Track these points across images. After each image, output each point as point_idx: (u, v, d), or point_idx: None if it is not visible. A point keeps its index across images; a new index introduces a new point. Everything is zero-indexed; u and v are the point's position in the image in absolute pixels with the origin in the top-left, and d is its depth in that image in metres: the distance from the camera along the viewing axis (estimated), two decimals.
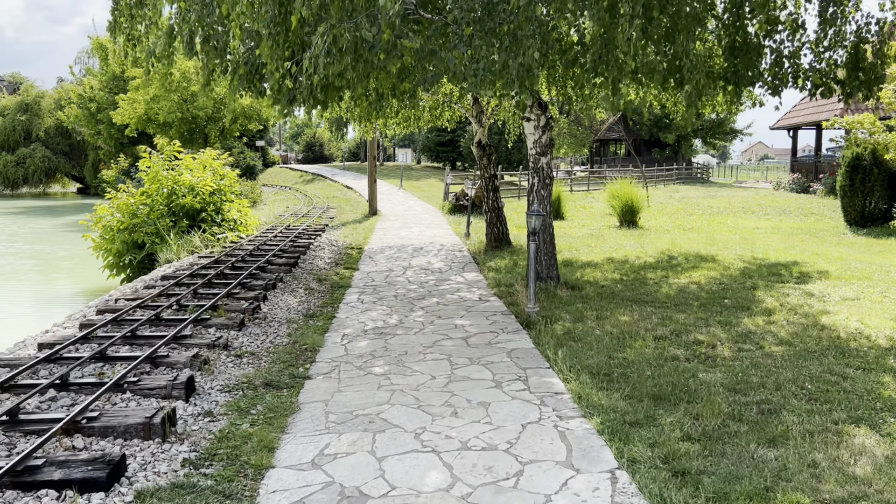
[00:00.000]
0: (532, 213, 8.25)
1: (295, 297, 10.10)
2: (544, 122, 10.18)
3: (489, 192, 15.42)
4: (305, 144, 70.36)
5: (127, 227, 14.76)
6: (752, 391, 5.80)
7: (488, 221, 15.49)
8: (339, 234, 18.68)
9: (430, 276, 11.99)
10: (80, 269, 19.34)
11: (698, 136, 55.16)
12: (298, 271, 12.21)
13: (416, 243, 16.70)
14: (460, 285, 10.98)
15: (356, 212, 25.65)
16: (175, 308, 8.59)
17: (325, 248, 15.49)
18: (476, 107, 15.38)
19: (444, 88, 15.47)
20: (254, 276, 10.92)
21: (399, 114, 17.09)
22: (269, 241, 15.38)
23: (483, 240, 16.38)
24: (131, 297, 9.30)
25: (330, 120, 20.91)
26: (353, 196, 32.65)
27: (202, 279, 10.67)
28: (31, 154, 52.43)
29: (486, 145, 15.41)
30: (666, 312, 8.78)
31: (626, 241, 16.56)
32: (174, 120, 39.05)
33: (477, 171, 38.81)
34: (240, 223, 16.55)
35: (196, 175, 15.85)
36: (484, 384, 6.01)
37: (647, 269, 12.23)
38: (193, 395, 5.71)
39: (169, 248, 14.17)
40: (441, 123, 17.63)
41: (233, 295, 9.39)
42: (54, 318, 11.14)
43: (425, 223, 21.57)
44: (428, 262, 13.60)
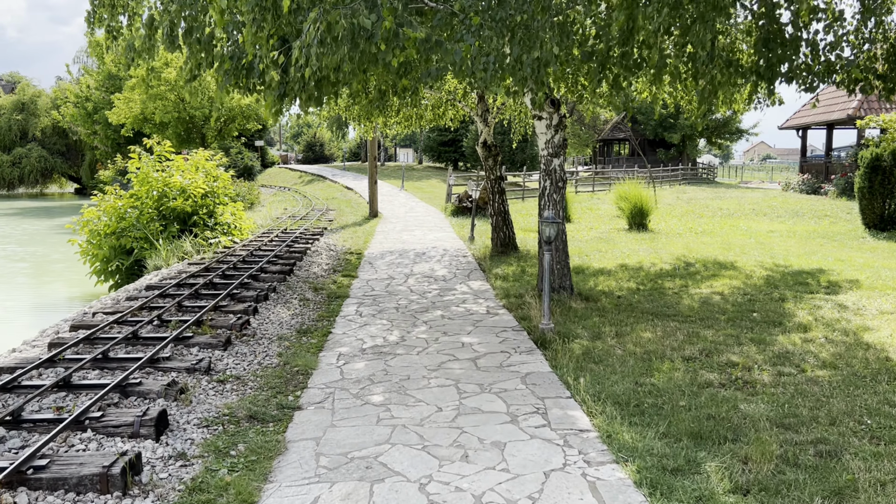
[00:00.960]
0: (547, 221, 7.52)
1: (288, 309, 9.38)
2: (557, 120, 9.45)
3: (495, 195, 14.71)
4: (306, 144, 69.62)
5: (114, 231, 14.04)
6: (803, 427, 5.07)
7: (494, 225, 14.77)
8: (337, 237, 17.97)
9: (433, 284, 11.28)
10: (74, 273, 18.62)
11: (703, 136, 54.38)
12: (293, 279, 11.49)
13: (419, 248, 15.98)
14: (466, 296, 10.26)
15: (356, 214, 24.93)
16: (156, 324, 7.88)
17: (322, 253, 14.77)
18: (481, 105, 14.67)
19: (447, 86, 14.77)
20: (245, 286, 10.21)
21: (400, 112, 16.40)
22: (263, 246, 14.66)
23: (488, 244, 15.66)
24: (110, 311, 8.58)
25: (330, 119, 20.20)
26: (353, 197, 31.93)
27: (189, 289, 9.95)
28: (27, 154, 51.70)
29: (492, 145, 14.70)
30: (691, 328, 8.06)
31: (638, 245, 15.83)
32: (171, 120, 38.32)
33: (481, 171, 38.00)
34: (234, 227, 15.83)
35: (188, 177, 15.11)
36: (497, 418, 5.28)
37: (664, 277, 11.51)
38: (166, 431, 4.99)
39: (158, 255, 13.46)
40: (444, 123, 16.94)
41: (220, 308, 8.67)
42: (42, 324, 10.43)
43: (428, 226, 20.86)
44: (431, 269, 12.88)
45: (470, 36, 6.68)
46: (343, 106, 16.08)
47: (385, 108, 12.98)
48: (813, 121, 32.50)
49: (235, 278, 10.88)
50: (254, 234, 17.23)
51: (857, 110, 28.94)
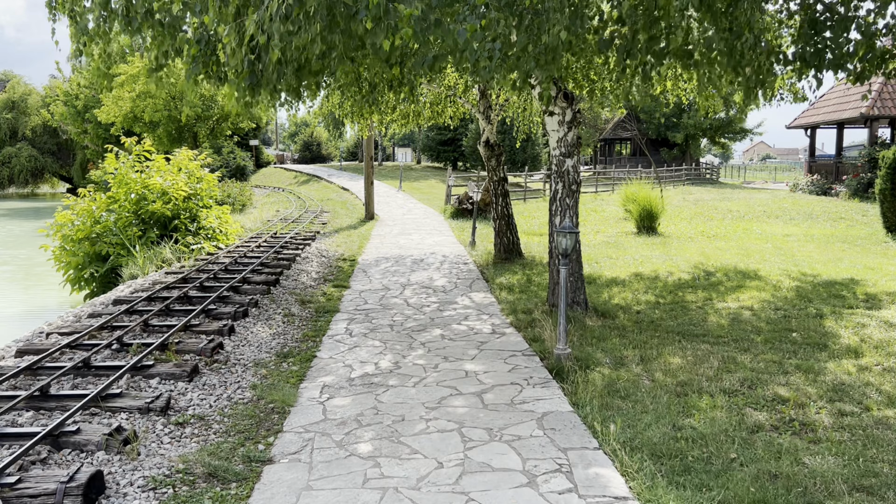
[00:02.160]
0: (563, 231, 6.53)
1: (270, 327, 8.39)
2: (570, 116, 8.47)
3: (498, 197, 13.73)
4: (303, 144, 68.56)
5: (88, 236, 13.02)
6: (889, 491, 4.10)
7: (497, 230, 13.79)
8: (331, 242, 16.97)
9: (432, 296, 10.29)
10: (58, 278, 17.60)
11: (707, 136, 53.43)
12: (279, 291, 10.50)
13: (416, 254, 14.99)
14: (468, 310, 9.27)
15: (351, 216, 23.94)
16: (115, 348, 6.88)
17: (313, 259, 13.77)
18: (483, 101, 13.68)
19: (447, 80, 13.79)
20: (223, 300, 9.21)
21: (396, 109, 15.41)
22: (250, 253, 13.66)
23: (491, 250, 14.67)
24: (67, 331, 7.58)
25: (325, 117, 19.26)
26: (348, 198, 30.94)
27: (161, 304, 8.97)
28: (16, 153, 50.59)
29: (495, 144, 13.71)
30: (725, 351, 7.09)
31: (650, 251, 14.86)
32: (161, 118, 37.26)
33: (482, 172, 36.99)
34: (219, 232, 14.82)
35: (169, 178, 14.10)
36: (511, 479, 4.30)
37: (683, 288, 10.53)
38: (100, 498, 4.00)
39: (135, 262, 12.46)
40: (443, 121, 15.96)
41: (192, 328, 7.67)
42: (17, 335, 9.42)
43: (426, 229, 19.87)
44: (429, 278, 11.89)
45: (474, 17, 5.70)
46: (335, 102, 15.12)
47: (379, 104, 11.98)
48: (822, 120, 31.54)
49: (214, 290, 9.89)
50: (241, 238, 16.23)
51: (871, 109, 27.99)
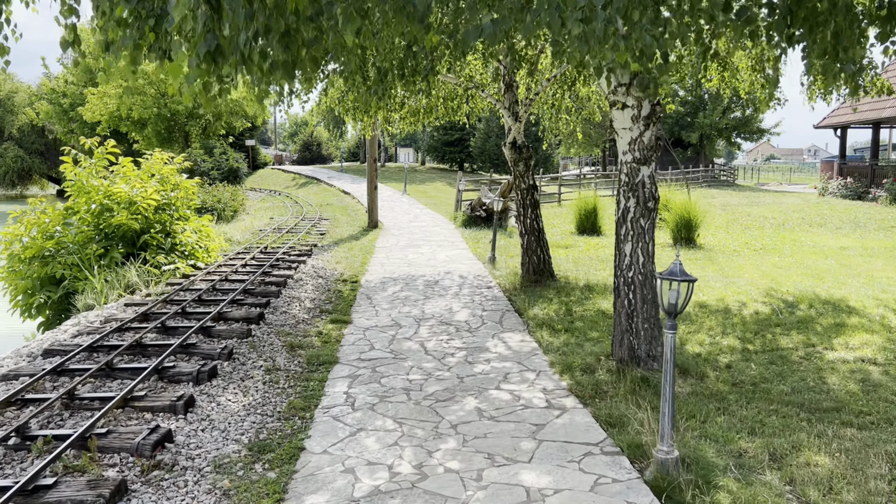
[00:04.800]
0: (673, 278, 4.38)
1: (245, 392, 6.26)
2: (648, 110, 6.34)
3: (526, 208, 11.60)
4: (302, 144, 66.31)
5: (38, 254, 10.87)
6: None
7: (525, 246, 11.66)
8: (329, 257, 14.83)
9: (455, 338, 8.15)
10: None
11: (723, 136, 51.24)
12: (263, 330, 8.37)
13: (429, 272, 12.86)
14: (506, 363, 7.13)
15: (353, 224, 21.80)
16: (11, 444, 4.74)
17: (308, 282, 11.64)
18: (509, 96, 11.55)
19: (467, 69, 11.68)
20: (187, 349, 7.08)
21: (405, 105, 13.30)
22: (233, 275, 11.54)
23: (515, 269, 12.55)
24: None
25: (325, 115, 17.14)
26: (350, 203, 28.79)
27: (105, 354, 6.86)
28: (2, 154, 48.23)
29: (523, 146, 11.58)
30: (881, 439, 4.98)
31: (700, 269, 12.73)
32: (150, 116, 35.11)
33: (494, 175, 34.77)
34: (198, 248, 12.68)
35: (137, 185, 11.95)
36: None
37: (768, 326, 8.41)
38: None
39: (92, 288, 10.32)
40: (458, 118, 13.85)
41: (133, 402, 5.54)
42: None
43: (436, 240, 17.74)
44: (448, 309, 9.77)
45: None
46: (335, 97, 12.99)
47: (386, 98, 9.86)
48: (856, 119, 29.39)
49: (179, 333, 7.76)
50: (226, 254, 14.09)
51: None
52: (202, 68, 3.76)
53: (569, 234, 18.69)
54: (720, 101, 48.49)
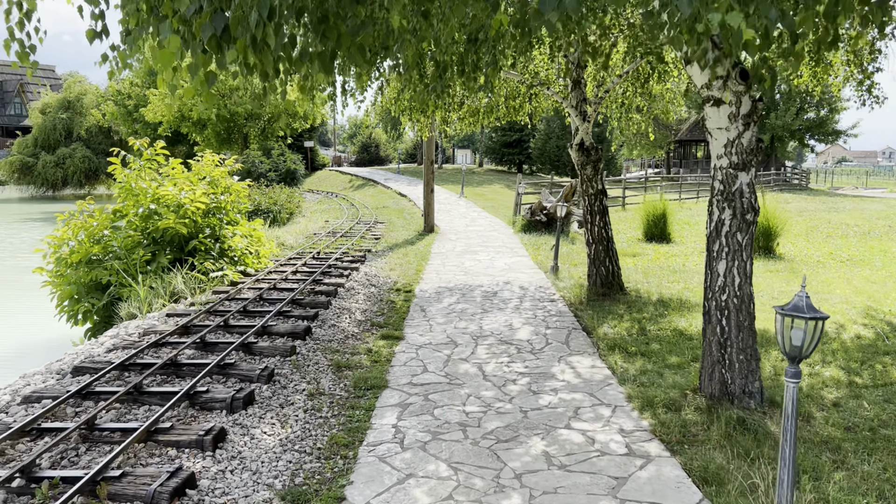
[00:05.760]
0: (801, 314, 3.49)
1: (283, 423, 5.61)
2: (748, 106, 5.43)
3: (594, 215, 10.72)
4: (361, 145, 66.33)
5: (84, 259, 10.54)
6: None
7: (592, 256, 10.79)
8: (383, 263, 14.21)
9: (516, 361, 7.36)
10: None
11: (795, 137, 48.86)
12: (309, 346, 7.75)
13: (486, 282, 12.09)
14: (576, 394, 6.30)
15: (408, 227, 21.19)
16: (15, 487, 4.18)
17: (360, 291, 11.01)
18: (576, 93, 10.69)
19: (531, 66, 10.87)
20: (225, 369, 6.49)
21: (464, 105, 12.59)
22: (282, 282, 11.00)
23: (580, 280, 11.67)
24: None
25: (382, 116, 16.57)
26: (406, 206, 28.22)
27: (134, 375, 6.33)
28: (70, 154, 49.63)
29: (591, 148, 10.70)
30: None
31: (783, 283, 11.62)
32: (209, 117, 35.31)
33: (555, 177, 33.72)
34: (248, 253, 12.20)
35: (186, 188, 11.53)
36: None
37: (874, 353, 7.37)
38: None
39: (137, 296, 9.91)
40: (520, 118, 13.05)
41: (158, 434, 4.94)
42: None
43: (494, 246, 16.94)
44: (508, 325, 8.98)
45: None
46: (391, 97, 12.36)
47: (444, 96, 9.13)
48: None
49: (218, 350, 7.20)
50: (277, 260, 13.60)
51: None
52: (208, 57, 3.09)
53: (636, 241, 17.65)
54: (793, 102, 46.26)
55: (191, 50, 3.18)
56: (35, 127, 52.18)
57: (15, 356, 11.07)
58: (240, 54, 3.16)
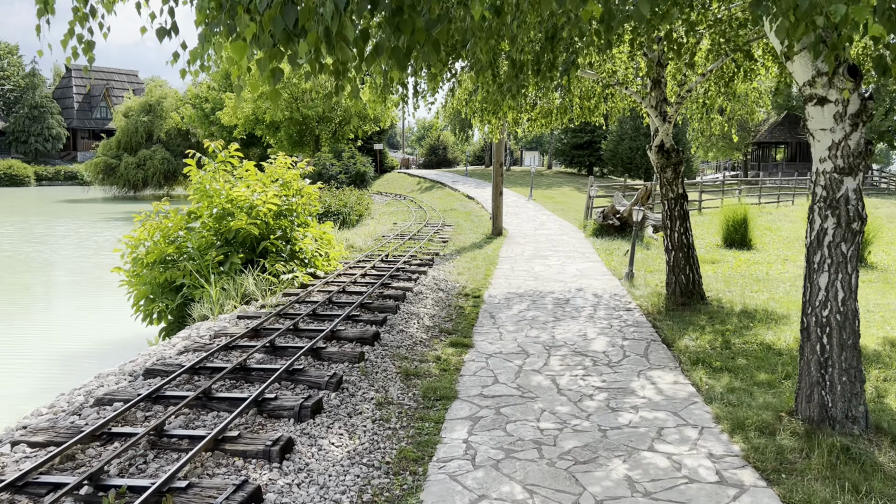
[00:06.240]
0: None
1: (352, 433, 5.45)
2: (857, 105, 4.96)
3: (674, 220, 10.24)
4: (429, 148, 66.50)
5: (159, 259, 10.72)
6: None
7: (671, 263, 10.31)
8: (451, 267, 14.02)
9: (592, 374, 7.02)
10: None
11: (885, 139, 46.34)
12: (378, 352, 7.60)
13: (558, 289, 11.73)
14: (658, 412, 5.92)
15: (476, 231, 20.95)
16: (85, 494, 4.13)
17: (428, 296, 10.84)
18: (656, 93, 10.24)
19: (609, 64, 10.48)
20: (294, 375, 6.39)
21: (537, 106, 12.29)
22: (351, 286, 10.93)
23: (657, 288, 11.19)
24: (40, 440, 4.94)
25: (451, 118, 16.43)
26: (473, 208, 28.01)
27: (204, 379, 6.30)
28: (151, 156, 51.51)
29: (672, 150, 10.23)
30: None
31: (879, 296, 10.85)
32: (282, 120, 35.92)
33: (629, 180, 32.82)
34: (317, 256, 12.20)
35: (258, 189, 11.61)
36: None
37: None
38: None
39: (209, 297, 10.00)
40: (594, 119, 12.65)
41: (223, 444, 4.84)
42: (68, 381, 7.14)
43: (564, 250, 16.53)
44: (582, 335, 8.62)
45: None
46: (462, 98, 12.17)
47: (519, 96, 8.84)
48: None
49: (287, 355, 7.13)
50: (346, 262, 13.59)
51: None
52: (276, 49, 2.91)
53: (714, 247, 16.92)
54: (882, 101, 43.88)
55: (261, 44, 3.02)
56: (118, 129, 54.38)
57: (96, 352, 11.36)
58: (311, 48, 2.98)
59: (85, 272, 21.00)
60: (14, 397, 9.29)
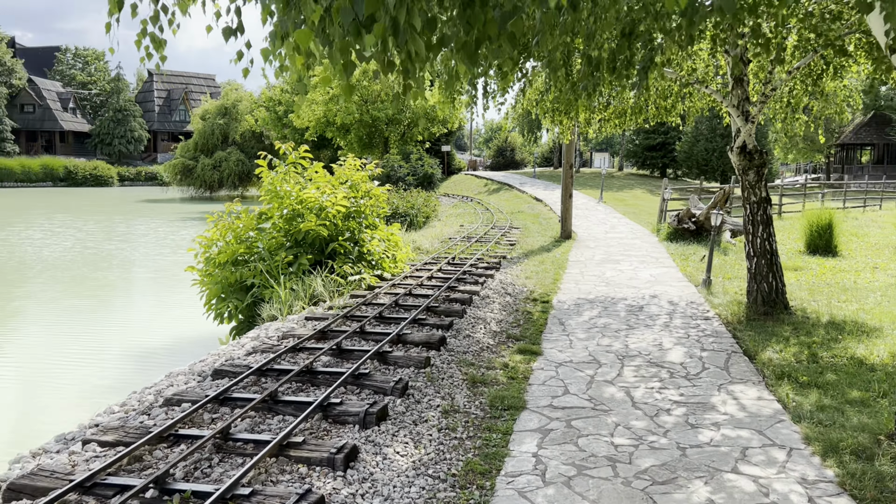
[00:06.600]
0: None
1: (417, 443, 5.30)
2: None
3: (756, 225, 9.75)
4: (496, 149, 66.20)
5: (231, 259, 10.87)
6: None
7: (753, 270, 9.81)
8: (518, 271, 13.76)
9: (669, 387, 6.68)
10: None
11: None
12: (443, 357, 7.45)
13: (630, 295, 11.34)
14: (742, 432, 5.55)
15: (544, 234, 20.60)
16: (144, 498, 4.10)
17: (495, 300, 10.64)
18: (739, 91, 9.75)
19: (689, 62, 10.07)
20: (359, 380, 6.30)
21: (610, 106, 11.94)
22: (417, 288, 10.84)
23: (739, 297, 10.67)
24: (109, 440, 4.97)
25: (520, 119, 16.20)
26: (541, 211, 27.62)
27: (271, 381, 6.27)
28: (226, 158, 53.06)
29: (755, 151, 9.73)
30: None
31: None
32: (352, 122, 36.32)
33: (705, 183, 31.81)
34: (385, 258, 12.17)
35: (327, 191, 11.65)
36: None
37: None
38: None
39: (278, 298, 10.07)
40: (670, 119, 12.22)
41: (287, 450, 4.77)
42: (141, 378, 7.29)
43: (637, 255, 16.04)
44: (657, 344, 8.26)
45: None
46: (532, 98, 11.94)
47: (594, 95, 8.54)
48: None
49: (353, 358, 7.06)
50: (413, 264, 13.52)
51: None
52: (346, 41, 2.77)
53: (796, 253, 16.11)
54: None
55: (330, 36, 2.90)
56: (195, 132, 56.21)
57: (170, 348, 11.62)
58: (377, 39, 2.84)
59: (163, 269, 21.67)
60: (94, 389, 9.56)
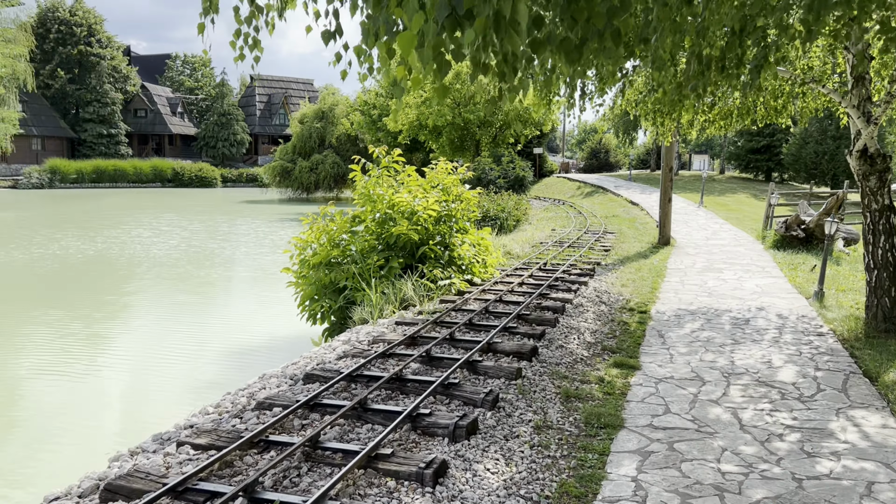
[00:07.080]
0: None
1: (508, 460, 5.09)
2: None
3: (877, 235, 8.99)
4: (590, 151, 65.01)
5: (324, 261, 10.98)
6: None
7: (874, 284, 9.05)
8: (614, 278, 13.30)
9: (780, 410, 6.18)
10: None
11: None
12: (535, 369, 7.20)
13: (735, 306, 10.72)
14: (866, 465, 5.05)
15: (641, 239, 19.91)
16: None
17: (589, 309, 10.27)
18: (859, 91, 9.01)
19: (804, 60, 9.42)
20: (449, 389, 6.15)
21: (715, 107, 11.36)
22: (508, 294, 10.61)
23: (856, 312, 9.89)
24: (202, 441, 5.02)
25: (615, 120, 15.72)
26: (637, 215, 26.78)
27: (361, 388, 6.22)
28: (322, 160, 54.37)
29: (877, 155, 8.97)
30: None
31: None
32: (444, 125, 36.41)
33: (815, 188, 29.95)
34: (475, 262, 12.01)
35: (419, 195, 11.61)
36: None
37: None
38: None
39: (369, 301, 10.08)
40: (781, 121, 11.51)
41: (376, 461, 4.66)
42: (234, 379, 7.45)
43: (741, 263, 15.22)
44: (766, 361, 7.72)
45: None
46: (632, 99, 11.51)
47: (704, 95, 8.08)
48: None
49: (443, 367, 6.93)
50: (503, 269, 13.29)
51: None
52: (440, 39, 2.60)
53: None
54: None
55: (425, 33, 2.75)
56: (294, 135, 57.90)
57: (266, 346, 11.87)
58: (478, 35, 2.66)
59: (262, 269, 22.33)
60: (196, 384, 9.85)
